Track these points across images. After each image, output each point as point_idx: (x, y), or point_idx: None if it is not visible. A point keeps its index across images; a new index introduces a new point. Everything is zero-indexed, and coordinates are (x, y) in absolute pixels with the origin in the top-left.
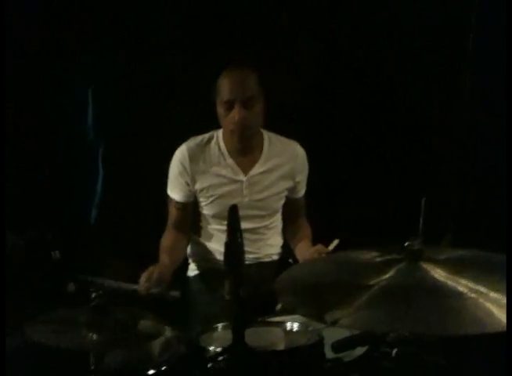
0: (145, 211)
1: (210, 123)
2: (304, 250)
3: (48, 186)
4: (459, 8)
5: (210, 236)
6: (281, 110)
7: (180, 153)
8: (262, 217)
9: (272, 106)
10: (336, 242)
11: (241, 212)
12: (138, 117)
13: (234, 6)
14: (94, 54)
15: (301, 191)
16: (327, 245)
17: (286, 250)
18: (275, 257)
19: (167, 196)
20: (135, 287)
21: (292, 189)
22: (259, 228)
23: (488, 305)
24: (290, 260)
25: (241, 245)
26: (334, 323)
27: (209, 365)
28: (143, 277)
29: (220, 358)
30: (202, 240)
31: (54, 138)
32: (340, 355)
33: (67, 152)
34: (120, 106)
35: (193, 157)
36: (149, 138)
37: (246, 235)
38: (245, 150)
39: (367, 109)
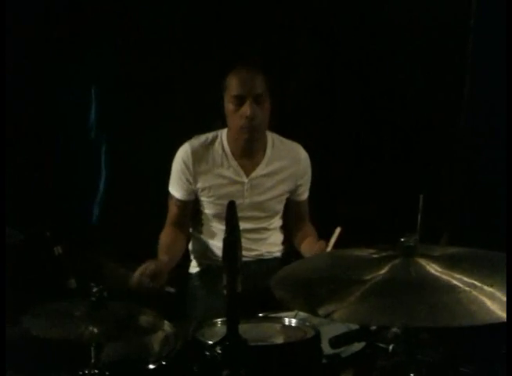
0: (147, 209)
1: (213, 122)
2: (309, 248)
3: (50, 184)
4: (459, 7)
5: (211, 235)
6: (280, 110)
7: (183, 152)
8: (262, 218)
9: (272, 106)
10: (338, 231)
11: (241, 213)
12: (141, 116)
13: (235, 6)
14: (96, 53)
15: (304, 194)
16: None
17: (290, 248)
18: (277, 254)
19: (169, 197)
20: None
21: (294, 192)
22: (259, 229)
23: (482, 297)
24: (293, 260)
25: (238, 240)
26: (327, 317)
27: (205, 356)
28: (138, 270)
29: (214, 351)
30: (203, 237)
31: (57, 136)
32: (338, 350)
33: (70, 150)
34: (123, 104)
35: (196, 156)
36: (151, 137)
37: (246, 235)
38: (248, 152)
39: (367, 108)
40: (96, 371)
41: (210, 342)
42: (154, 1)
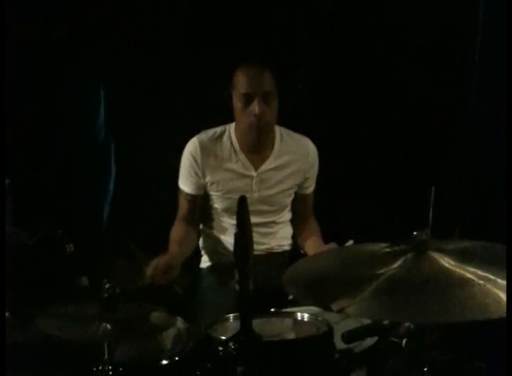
0: (157, 208)
1: (221, 119)
2: (316, 247)
3: (55, 184)
4: (460, 7)
5: (221, 229)
6: (280, 110)
7: (192, 146)
8: (271, 212)
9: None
10: (350, 243)
11: (250, 207)
12: (149, 115)
13: (235, 6)
14: (96, 53)
15: (311, 187)
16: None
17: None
18: (287, 247)
19: (178, 192)
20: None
21: (301, 185)
22: (268, 222)
23: (496, 291)
24: (302, 251)
25: (250, 236)
26: (340, 311)
27: (219, 352)
28: (151, 265)
29: (228, 347)
30: (214, 232)
31: (57, 136)
32: (351, 345)
33: (71, 150)
34: (123, 104)
35: (205, 150)
36: (159, 135)
37: (255, 229)
38: (257, 146)
39: (367, 108)
40: (110, 367)
41: (224, 338)
42: (154, 1)
